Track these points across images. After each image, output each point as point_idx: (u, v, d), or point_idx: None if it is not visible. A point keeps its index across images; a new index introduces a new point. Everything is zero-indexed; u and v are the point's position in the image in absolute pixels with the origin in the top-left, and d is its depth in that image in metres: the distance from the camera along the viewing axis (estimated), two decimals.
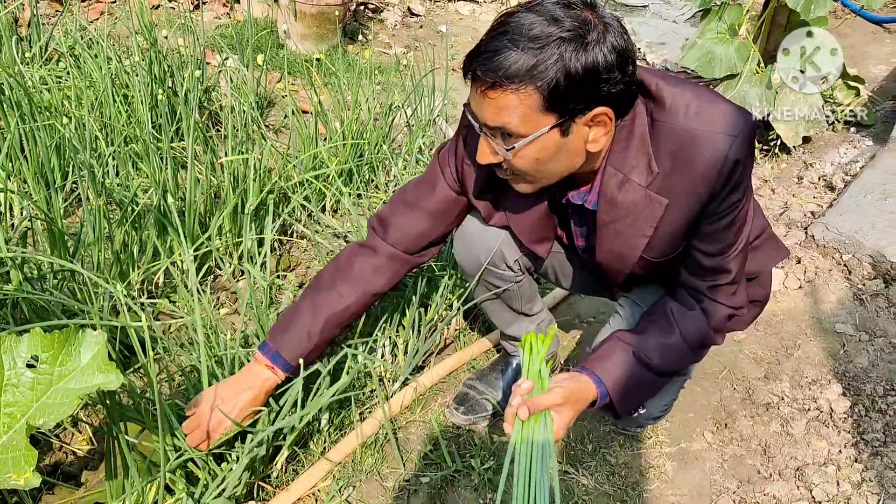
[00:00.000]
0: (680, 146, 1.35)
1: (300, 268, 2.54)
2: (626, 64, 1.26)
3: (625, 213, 1.46)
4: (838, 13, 4.81)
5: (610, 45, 1.23)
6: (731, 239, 1.43)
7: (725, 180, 1.34)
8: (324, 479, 1.84)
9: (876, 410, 2.14)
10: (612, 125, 1.33)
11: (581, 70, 1.22)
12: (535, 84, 1.23)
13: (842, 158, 3.37)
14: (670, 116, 1.35)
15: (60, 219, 2.04)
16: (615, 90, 1.27)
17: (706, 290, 1.49)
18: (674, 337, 1.50)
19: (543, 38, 1.21)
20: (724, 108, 1.35)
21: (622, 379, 1.47)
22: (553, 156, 1.35)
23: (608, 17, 1.26)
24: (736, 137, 1.32)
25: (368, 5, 4.84)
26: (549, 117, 1.28)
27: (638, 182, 1.40)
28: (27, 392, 1.22)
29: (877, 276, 2.63)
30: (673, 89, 1.36)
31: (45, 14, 3.91)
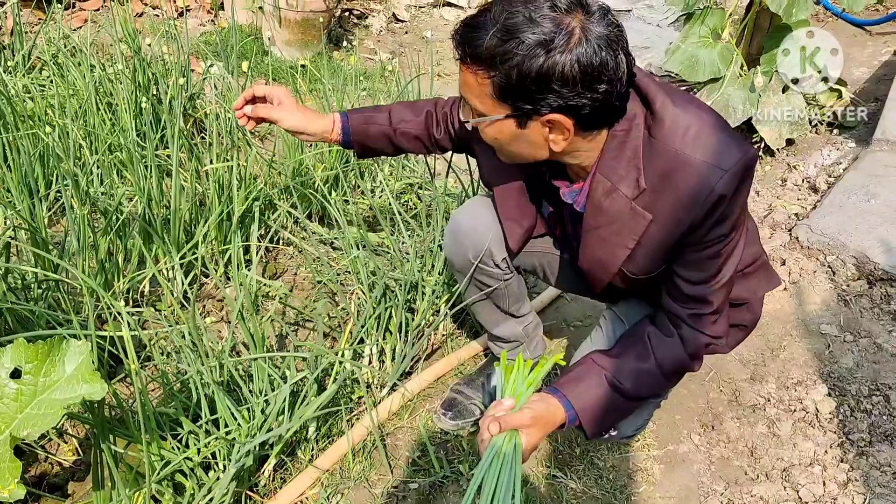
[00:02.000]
0: (670, 168, 1.35)
1: (287, 275, 2.53)
2: (593, 81, 1.22)
3: (609, 222, 1.46)
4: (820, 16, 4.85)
5: (576, 59, 1.20)
6: (715, 270, 1.42)
7: (708, 212, 1.34)
8: (312, 487, 1.83)
9: (861, 410, 2.16)
10: (570, 134, 1.32)
11: (533, 74, 1.21)
12: (489, 73, 1.25)
13: (825, 160, 3.39)
14: (667, 136, 1.35)
15: (44, 228, 2.03)
16: (574, 103, 1.24)
17: (686, 317, 1.47)
18: (649, 363, 1.49)
19: (513, 33, 1.20)
20: (722, 139, 1.33)
21: (592, 403, 1.47)
22: (511, 141, 1.37)
23: (597, 32, 1.21)
24: (726, 172, 1.31)
25: (353, 11, 4.84)
26: (503, 106, 1.29)
27: (625, 193, 1.40)
28: (11, 403, 1.21)
29: (861, 276, 2.65)
30: (676, 110, 1.35)
31: (28, 22, 3.89)
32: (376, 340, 2.07)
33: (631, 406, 1.53)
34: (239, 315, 1.80)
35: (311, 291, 2.45)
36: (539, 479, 1.94)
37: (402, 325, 2.07)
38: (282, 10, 3.94)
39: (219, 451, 1.67)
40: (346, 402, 2.01)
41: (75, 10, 4.13)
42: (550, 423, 1.44)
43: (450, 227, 1.84)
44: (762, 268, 1.68)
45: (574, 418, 1.47)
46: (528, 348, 2.09)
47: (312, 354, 1.79)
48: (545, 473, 1.95)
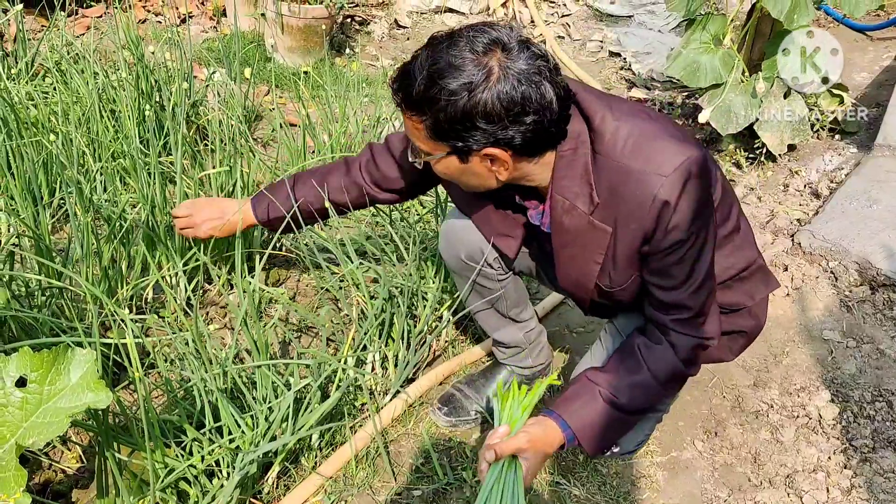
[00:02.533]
0: (615, 180, 1.38)
1: (289, 281, 2.54)
2: (518, 115, 1.27)
3: (574, 239, 1.50)
4: (821, 21, 4.86)
5: (496, 97, 1.25)
6: (685, 275, 1.43)
7: (655, 220, 1.36)
8: (315, 495, 1.83)
9: (864, 416, 2.16)
10: (510, 164, 1.37)
11: (459, 115, 1.27)
12: (421, 117, 1.32)
13: (827, 166, 3.40)
14: (608, 150, 1.38)
15: (48, 235, 2.04)
16: (503, 136, 1.29)
17: (669, 323, 1.48)
18: (642, 375, 1.50)
19: (436, 79, 1.26)
20: (662, 145, 1.36)
21: (589, 421, 1.48)
22: (460, 175, 1.43)
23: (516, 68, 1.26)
24: (666, 178, 1.33)
25: (355, 18, 4.85)
26: (442, 146, 1.35)
27: (582, 210, 1.44)
28: (16, 412, 1.22)
29: (863, 282, 2.65)
30: (615, 122, 1.38)
31: (31, 29, 3.90)
32: (379, 347, 2.07)
33: (630, 420, 1.54)
34: (242, 322, 1.80)
35: (314, 298, 2.45)
36: (542, 486, 1.94)
37: (405, 331, 2.08)
38: (284, 16, 3.94)
39: (222, 458, 1.68)
40: (350, 409, 2.01)
41: (78, 17, 4.14)
42: (548, 446, 1.46)
43: (443, 228, 1.88)
44: (758, 271, 1.68)
45: (572, 438, 1.48)
46: (530, 355, 2.10)
47: (316, 361, 1.80)
48: (549, 480, 1.95)
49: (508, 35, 1.28)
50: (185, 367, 1.79)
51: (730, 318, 1.70)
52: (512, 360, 2.10)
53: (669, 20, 5.19)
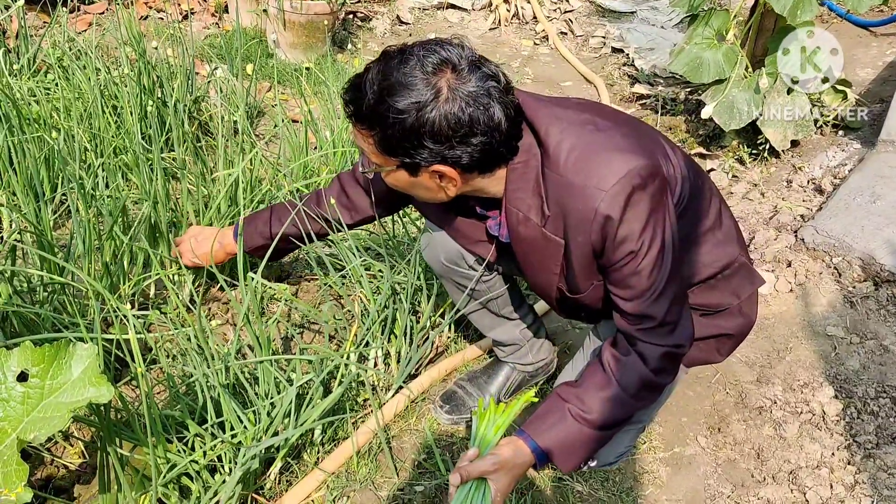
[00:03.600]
0: (561, 195, 1.38)
1: (291, 277, 2.53)
2: (466, 136, 1.28)
3: (532, 249, 1.50)
4: (825, 17, 4.84)
5: (443, 116, 1.25)
6: (645, 284, 1.41)
7: (600, 234, 1.36)
8: (317, 490, 1.83)
9: (868, 413, 2.15)
10: (459, 181, 1.37)
11: (407, 132, 1.28)
12: (370, 131, 1.33)
13: (830, 161, 3.38)
14: (553, 164, 1.38)
15: (50, 231, 2.04)
16: (450, 155, 1.30)
17: (636, 332, 1.46)
18: (612, 389, 1.47)
19: (385, 96, 1.27)
20: (604, 159, 1.35)
21: (560, 439, 1.47)
22: (410, 188, 1.44)
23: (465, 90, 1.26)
24: (606, 192, 1.32)
25: (357, 14, 4.85)
26: (391, 160, 1.36)
27: (535, 221, 1.44)
28: (18, 406, 1.21)
29: (867, 278, 2.64)
30: (558, 136, 1.38)
31: (33, 25, 3.90)
32: (381, 343, 2.06)
33: (604, 435, 1.51)
34: (244, 318, 1.80)
35: (316, 294, 2.45)
36: (545, 481, 1.93)
37: (407, 327, 2.07)
38: (286, 12, 3.94)
39: (225, 454, 1.67)
40: (352, 405, 2.01)
41: (80, 13, 4.14)
42: (518, 467, 1.45)
43: (422, 234, 1.89)
44: (741, 269, 1.65)
45: (543, 457, 1.47)
46: (531, 351, 2.09)
47: (318, 357, 1.79)
48: (551, 476, 1.94)
49: (459, 55, 1.29)
50: (188, 363, 1.78)
51: (715, 319, 1.67)
52: (512, 357, 2.10)
53: (672, 16, 5.18)
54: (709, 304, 1.65)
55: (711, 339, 1.70)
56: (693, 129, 3.74)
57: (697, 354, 1.71)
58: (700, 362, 1.74)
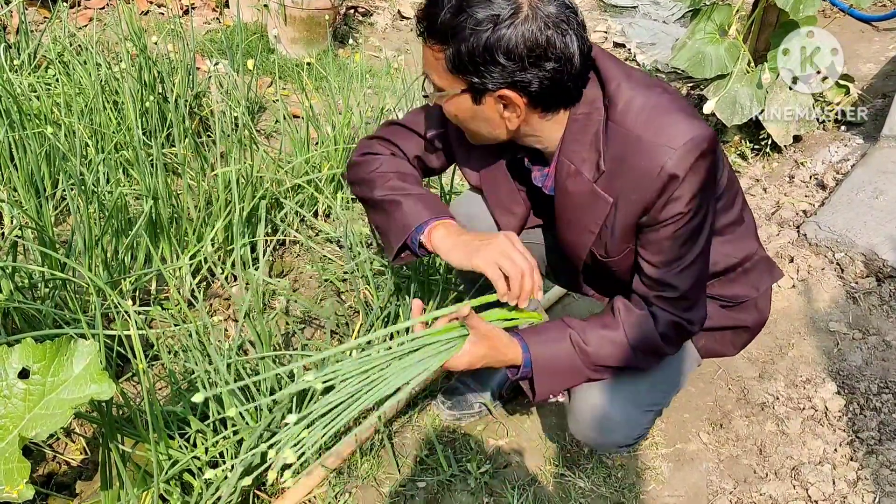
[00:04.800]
0: (624, 150, 1.36)
1: (293, 273, 2.53)
2: (540, 59, 1.25)
3: (575, 205, 1.47)
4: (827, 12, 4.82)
5: (521, 34, 1.23)
6: (676, 252, 1.40)
7: (659, 192, 1.34)
8: (319, 486, 1.83)
9: (870, 409, 2.15)
10: (523, 111, 1.34)
11: (481, 47, 1.24)
12: (443, 47, 1.29)
13: (833, 157, 3.38)
14: (621, 118, 1.36)
15: (51, 227, 2.03)
16: (520, 78, 1.27)
17: (653, 298, 1.46)
18: (617, 332, 1.47)
19: (464, 8, 1.24)
20: (675, 119, 1.34)
21: (549, 355, 1.46)
22: (471, 118, 1.40)
23: (546, 11, 1.24)
24: (676, 151, 1.31)
25: (358, 9, 4.84)
26: (458, 81, 1.32)
27: (587, 176, 1.42)
28: (19, 403, 1.21)
29: (869, 273, 2.64)
30: (630, 92, 1.36)
31: (34, 21, 3.89)
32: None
33: (589, 373, 1.49)
34: (246, 314, 1.79)
35: (318, 290, 2.45)
36: (547, 477, 1.93)
37: None
38: (287, 7, 3.93)
39: (226, 450, 1.67)
40: None
41: (80, 8, 4.13)
42: (500, 352, 1.43)
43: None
44: (761, 262, 1.66)
45: (528, 363, 1.46)
46: None
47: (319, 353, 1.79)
48: (553, 472, 1.94)
49: None
50: (189, 359, 1.78)
51: (734, 312, 1.68)
52: None
53: (674, 10, 5.17)
54: (729, 296, 1.65)
55: (728, 331, 1.70)
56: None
57: (713, 346, 1.71)
58: (715, 354, 1.74)
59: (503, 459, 1.98)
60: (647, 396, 1.62)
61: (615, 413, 1.58)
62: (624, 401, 1.56)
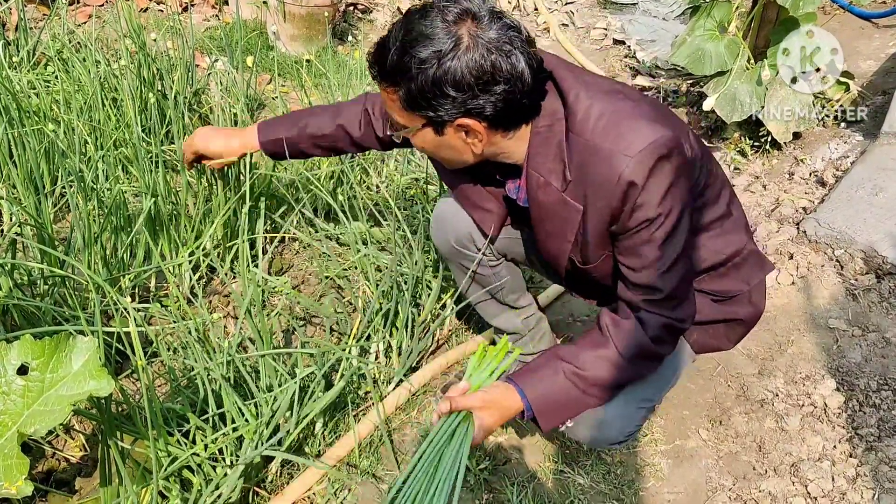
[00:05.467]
0: (585, 159, 1.39)
1: (293, 270, 2.53)
2: (488, 84, 1.28)
3: (549, 215, 1.50)
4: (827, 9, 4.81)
5: (465, 65, 1.26)
6: (654, 255, 1.41)
7: (621, 200, 1.36)
8: (319, 483, 1.83)
9: (870, 405, 2.15)
10: (484, 136, 1.38)
11: (429, 83, 1.28)
12: (395, 88, 1.34)
13: (832, 154, 3.37)
14: (581, 128, 1.39)
15: (50, 224, 2.03)
16: (473, 106, 1.31)
17: (640, 302, 1.46)
18: (608, 349, 1.47)
19: (408, 48, 1.28)
20: (633, 126, 1.35)
21: (546, 393, 1.47)
22: (437, 148, 1.45)
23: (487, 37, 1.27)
24: (632, 158, 1.32)
25: (358, 6, 4.83)
26: (417, 117, 1.37)
27: (556, 186, 1.45)
28: (18, 399, 1.21)
29: (869, 270, 2.64)
30: (588, 101, 1.39)
31: (33, 18, 3.89)
32: (383, 336, 2.06)
33: (592, 396, 1.49)
34: (246, 311, 1.79)
35: (318, 287, 2.45)
36: (546, 474, 1.93)
37: (409, 320, 2.07)
38: (286, 4, 3.93)
39: (226, 447, 1.67)
40: (353, 398, 2.01)
41: (79, 5, 4.12)
42: (506, 408, 1.46)
43: (434, 215, 1.90)
44: (751, 256, 1.66)
45: (529, 406, 1.47)
46: (531, 341, 2.10)
47: (319, 350, 1.79)
48: (553, 469, 1.94)
49: (480, 5, 1.30)
50: (189, 356, 1.78)
51: (726, 305, 1.68)
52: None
53: (674, 7, 5.17)
54: (720, 291, 1.65)
55: (722, 325, 1.70)
56: (695, 121, 3.73)
57: (708, 340, 1.71)
58: (710, 349, 1.74)
59: (502, 456, 1.98)
60: (639, 392, 1.62)
61: (608, 410, 1.58)
62: (619, 397, 1.56)
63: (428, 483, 1.38)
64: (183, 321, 1.89)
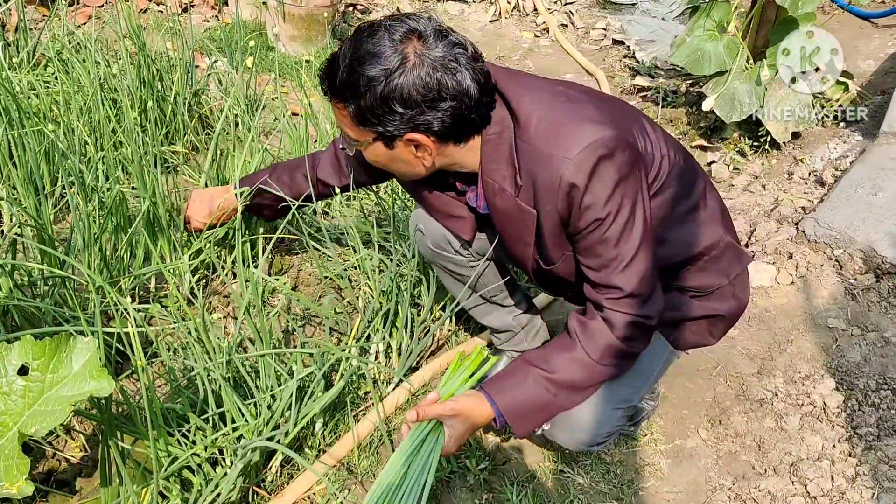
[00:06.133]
0: (531, 164, 1.41)
1: (292, 270, 2.53)
2: (435, 101, 1.31)
3: (508, 220, 1.52)
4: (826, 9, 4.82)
5: (411, 83, 1.29)
6: (611, 254, 1.42)
7: (566, 202, 1.37)
8: (318, 483, 1.83)
9: (869, 405, 2.15)
10: (433, 150, 1.40)
11: (378, 100, 1.31)
12: (344, 103, 1.37)
13: (831, 154, 3.38)
14: (524, 133, 1.41)
15: (50, 225, 2.03)
16: (421, 122, 1.34)
17: (604, 301, 1.46)
18: (575, 351, 1.48)
19: (356, 66, 1.31)
20: (573, 128, 1.37)
21: (517, 399, 1.48)
22: (389, 162, 1.48)
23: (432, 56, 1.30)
24: (571, 161, 1.34)
25: (357, 6, 4.84)
26: (367, 132, 1.39)
27: (510, 192, 1.47)
28: (19, 400, 1.21)
29: (868, 270, 2.64)
30: (531, 106, 1.41)
31: (33, 19, 3.89)
32: (383, 336, 2.06)
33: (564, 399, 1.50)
34: (245, 311, 1.80)
35: (317, 287, 2.45)
36: (546, 474, 1.94)
37: (408, 321, 2.07)
38: (286, 5, 3.93)
39: (226, 447, 1.67)
40: (353, 398, 2.01)
41: (79, 6, 4.13)
42: (476, 416, 1.47)
43: (411, 220, 1.92)
44: (728, 248, 1.65)
45: (500, 414, 1.48)
46: (526, 339, 2.11)
47: (319, 350, 1.79)
48: (552, 468, 1.94)
49: (426, 25, 1.33)
50: (188, 356, 1.78)
51: (706, 301, 1.67)
52: (508, 345, 2.12)
53: (673, 8, 5.17)
54: (700, 286, 1.65)
55: (703, 321, 1.69)
56: (694, 121, 3.73)
57: (690, 337, 1.71)
58: (693, 345, 1.74)
59: (502, 456, 1.99)
60: (616, 394, 1.63)
61: (584, 412, 1.59)
62: (593, 397, 1.56)
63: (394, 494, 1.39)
64: (183, 321, 1.89)
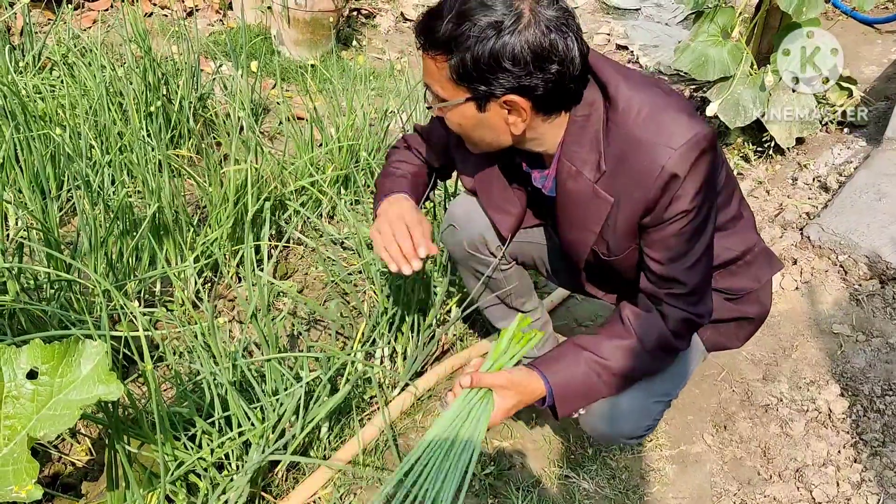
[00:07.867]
0: (625, 150, 1.38)
1: (297, 274, 2.53)
2: (544, 62, 1.27)
3: (576, 205, 1.49)
4: (830, 15, 4.82)
5: (525, 40, 1.25)
6: (683, 249, 1.42)
7: (661, 191, 1.36)
8: (324, 487, 1.83)
9: (874, 410, 2.15)
10: (528, 115, 1.36)
11: (486, 55, 1.27)
12: (446, 57, 1.31)
13: (836, 159, 3.38)
14: (621, 119, 1.38)
15: (56, 228, 2.04)
16: (527, 83, 1.29)
17: (663, 295, 1.47)
18: (630, 340, 1.48)
19: (466, 17, 1.26)
20: (674, 119, 1.36)
21: (568, 380, 1.47)
22: (475, 127, 1.42)
23: (547, 15, 1.26)
24: (675, 150, 1.33)
25: (362, 11, 4.84)
26: (462, 90, 1.34)
27: (588, 177, 1.44)
28: (28, 404, 1.22)
29: (873, 276, 2.64)
30: (629, 92, 1.38)
31: (38, 22, 3.90)
32: (388, 341, 2.06)
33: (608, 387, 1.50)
34: (252, 315, 1.80)
35: (323, 291, 2.45)
36: (551, 479, 1.93)
37: (414, 325, 2.07)
38: (290, 9, 3.94)
39: (232, 451, 1.68)
40: (359, 402, 2.01)
41: (84, 10, 4.13)
42: (528, 392, 1.45)
43: (445, 217, 1.88)
44: (762, 254, 1.67)
45: (551, 392, 1.47)
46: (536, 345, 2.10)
47: (325, 355, 1.79)
48: (558, 474, 1.94)
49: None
50: (195, 360, 1.78)
51: (737, 304, 1.69)
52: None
53: (677, 13, 5.17)
54: (733, 288, 1.66)
55: (733, 323, 1.71)
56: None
57: (718, 338, 1.72)
58: (720, 347, 1.75)
59: (507, 461, 1.99)
60: (658, 386, 1.63)
61: (626, 403, 1.59)
62: (635, 390, 1.57)
63: (442, 459, 1.37)
64: (189, 325, 1.89)
